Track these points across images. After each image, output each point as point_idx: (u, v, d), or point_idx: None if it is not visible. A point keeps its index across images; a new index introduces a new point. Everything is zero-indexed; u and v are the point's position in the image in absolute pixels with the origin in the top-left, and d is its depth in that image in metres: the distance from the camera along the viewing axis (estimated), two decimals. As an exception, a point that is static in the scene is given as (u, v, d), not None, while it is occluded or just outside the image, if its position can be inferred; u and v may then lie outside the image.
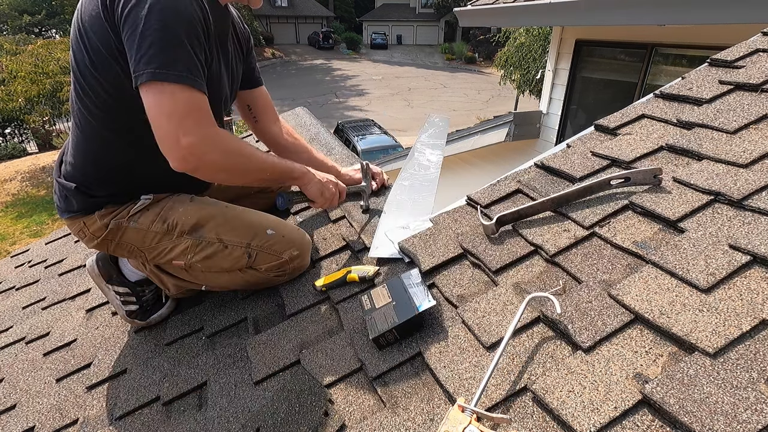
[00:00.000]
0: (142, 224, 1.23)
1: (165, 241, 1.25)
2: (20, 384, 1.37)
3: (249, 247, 1.26)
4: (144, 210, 1.24)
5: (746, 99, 1.27)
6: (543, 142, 5.13)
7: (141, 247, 1.27)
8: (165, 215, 1.24)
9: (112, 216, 1.22)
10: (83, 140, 1.18)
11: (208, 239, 1.25)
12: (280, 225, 1.33)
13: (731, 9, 2.64)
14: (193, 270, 1.31)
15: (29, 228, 9.08)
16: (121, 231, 1.24)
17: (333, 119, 15.60)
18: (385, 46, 38.36)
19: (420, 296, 1.03)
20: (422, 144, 1.87)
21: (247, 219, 1.30)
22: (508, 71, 13.37)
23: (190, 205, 1.27)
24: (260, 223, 1.30)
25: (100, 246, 1.28)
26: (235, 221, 1.28)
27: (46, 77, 10.78)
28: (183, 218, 1.24)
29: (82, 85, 1.09)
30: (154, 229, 1.23)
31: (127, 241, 1.26)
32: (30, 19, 25.19)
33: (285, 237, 1.30)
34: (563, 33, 4.71)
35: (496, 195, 1.31)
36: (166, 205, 1.26)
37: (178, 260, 1.27)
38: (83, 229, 1.25)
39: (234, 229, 1.27)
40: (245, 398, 1.05)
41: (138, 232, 1.24)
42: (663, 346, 0.79)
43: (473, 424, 0.73)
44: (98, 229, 1.23)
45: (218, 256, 1.26)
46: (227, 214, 1.29)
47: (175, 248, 1.26)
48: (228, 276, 1.32)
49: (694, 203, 1.02)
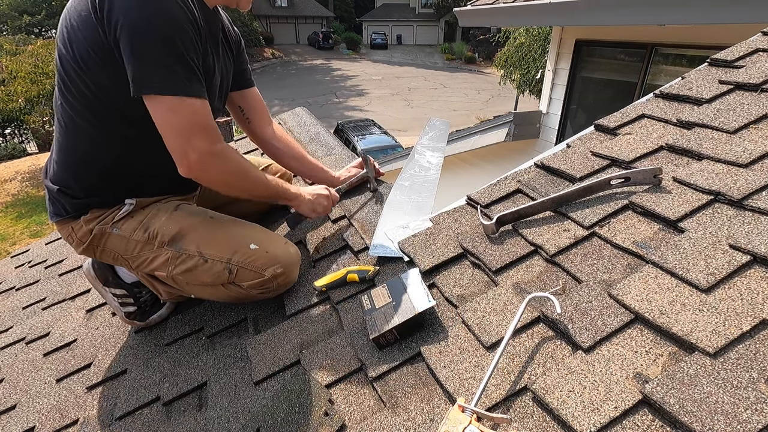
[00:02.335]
0: (125, 231, 1.22)
1: (146, 251, 1.23)
2: (20, 384, 1.37)
3: (230, 262, 1.21)
4: (128, 217, 1.23)
5: (746, 99, 1.27)
6: (543, 142, 5.13)
7: (124, 255, 1.25)
8: (147, 223, 1.22)
9: (97, 221, 1.21)
10: (68, 139, 1.16)
11: (188, 252, 1.22)
12: (265, 240, 1.27)
13: (731, 9, 2.64)
14: (176, 282, 1.28)
15: (29, 228, 9.08)
16: (105, 237, 1.23)
17: (333, 119, 15.61)
18: (385, 46, 38.36)
19: (420, 296, 1.03)
20: (423, 146, 1.87)
21: (230, 232, 1.27)
22: (508, 71, 13.37)
23: (174, 214, 1.25)
24: (243, 237, 1.26)
25: (87, 251, 1.27)
26: (217, 234, 1.25)
27: (46, 77, 10.76)
28: (164, 228, 1.22)
29: (67, 85, 1.08)
30: (135, 238, 1.22)
31: (111, 248, 1.25)
32: (30, 20, 25.18)
33: (269, 253, 1.24)
34: (563, 33, 4.71)
35: (496, 195, 1.31)
36: (150, 213, 1.24)
37: (159, 271, 1.25)
38: (71, 234, 1.24)
39: (215, 243, 1.23)
40: (245, 398, 1.05)
41: (121, 240, 1.22)
42: (663, 346, 0.79)
43: (473, 424, 0.73)
44: (84, 234, 1.22)
45: (198, 270, 1.22)
46: (210, 225, 1.26)
47: (156, 259, 1.24)
48: (212, 289, 1.28)
49: (694, 203, 1.02)
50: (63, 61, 1.06)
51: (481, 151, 5.23)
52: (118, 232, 1.22)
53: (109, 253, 1.26)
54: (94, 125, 1.13)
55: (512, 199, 1.29)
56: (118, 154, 1.18)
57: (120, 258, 1.27)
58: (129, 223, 1.22)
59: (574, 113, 4.88)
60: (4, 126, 13.85)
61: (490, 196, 1.31)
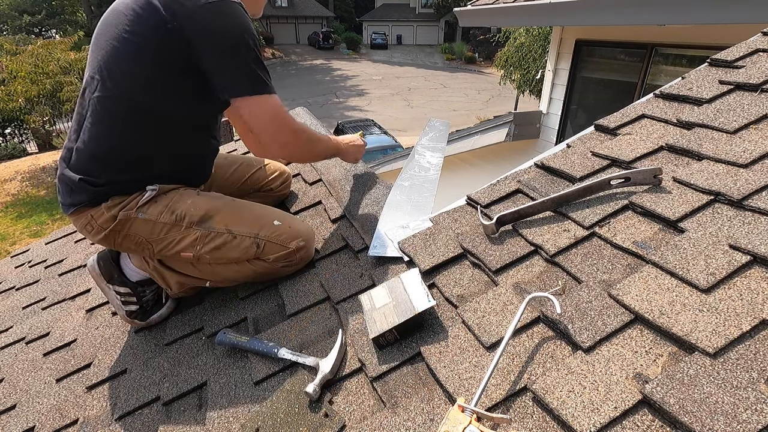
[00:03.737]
0: (151, 215, 1.25)
1: (173, 233, 1.27)
2: (20, 384, 1.37)
3: (257, 237, 1.30)
4: (152, 201, 1.26)
5: (746, 99, 1.27)
6: (543, 142, 5.13)
7: (149, 238, 1.27)
8: (173, 207, 1.27)
9: (119, 207, 1.23)
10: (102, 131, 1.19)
11: (218, 230, 1.28)
12: (285, 217, 1.39)
13: (731, 9, 2.64)
14: (200, 262, 1.33)
15: (29, 228, 9.08)
16: (129, 222, 1.25)
17: (333, 119, 15.61)
18: (385, 46, 38.35)
19: (420, 296, 1.03)
20: (422, 147, 1.87)
21: (254, 212, 1.36)
22: (508, 71, 13.36)
23: (198, 198, 1.31)
24: (267, 215, 1.36)
25: (107, 239, 1.27)
26: (242, 213, 1.34)
27: (46, 77, 10.74)
28: (191, 210, 1.27)
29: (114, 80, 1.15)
30: (162, 220, 1.25)
31: (135, 233, 1.26)
32: (30, 19, 25.17)
33: (291, 228, 1.35)
34: (563, 33, 4.71)
35: (496, 195, 1.31)
36: (173, 197, 1.29)
37: (186, 252, 1.29)
38: (90, 222, 1.25)
39: (242, 221, 1.31)
40: (245, 398, 1.05)
41: (146, 224, 1.25)
42: (663, 346, 0.79)
43: (473, 424, 0.73)
44: (106, 221, 1.23)
45: (227, 247, 1.29)
46: (234, 206, 1.35)
47: (184, 239, 1.28)
48: (236, 267, 1.34)
49: (694, 203, 1.02)
50: (111, 58, 1.15)
51: (481, 151, 5.23)
52: (144, 216, 1.24)
53: (133, 238, 1.27)
54: (135, 120, 1.19)
55: (512, 199, 1.29)
56: (153, 147, 1.25)
57: (143, 243, 1.29)
58: (154, 207, 1.25)
59: (574, 113, 4.88)
60: (4, 126, 13.84)
61: (490, 196, 1.31)
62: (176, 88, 1.18)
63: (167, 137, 1.26)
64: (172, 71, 1.15)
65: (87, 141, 1.21)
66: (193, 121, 1.29)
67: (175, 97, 1.20)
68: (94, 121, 1.19)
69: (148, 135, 1.22)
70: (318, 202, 1.71)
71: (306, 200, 1.74)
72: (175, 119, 1.24)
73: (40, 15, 25.65)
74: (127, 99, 1.17)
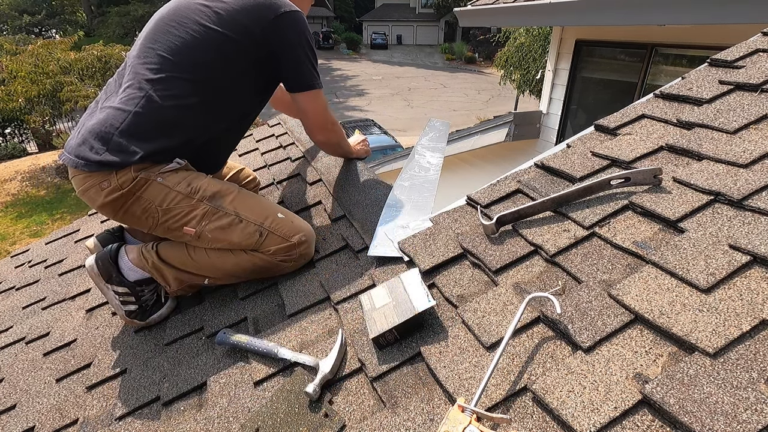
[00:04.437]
0: (169, 182, 1.29)
1: (183, 204, 1.30)
2: (20, 384, 1.37)
3: (262, 226, 1.35)
4: (172, 172, 1.31)
5: (746, 99, 1.27)
6: (543, 142, 5.13)
7: (160, 205, 1.29)
8: (190, 180, 1.33)
9: (142, 170, 1.26)
10: (155, 109, 1.26)
11: (226, 210, 1.34)
12: (289, 213, 1.45)
13: (731, 9, 2.64)
14: (201, 240, 1.34)
15: (29, 228, 9.08)
16: (147, 184, 1.27)
17: (333, 119, 15.57)
18: (385, 46, 38.33)
19: (420, 296, 1.03)
20: (423, 147, 1.87)
21: (261, 202, 1.44)
22: (508, 71, 13.36)
23: (212, 179, 1.39)
24: (272, 207, 1.43)
25: (115, 202, 1.27)
26: (251, 200, 1.40)
27: (46, 77, 10.73)
28: (206, 186, 1.34)
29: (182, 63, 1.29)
30: (178, 189, 1.30)
31: (148, 197, 1.28)
32: (30, 19, 25.17)
33: (294, 223, 1.40)
34: (563, 33, 4.71)
35: (496, 195, 1.31)
36: (192, 174, 1.35)
37: (190, 227, 1.32)
38: (106, 181, 1.24)
39: (250, 208, 1.37)
40: (245, 398, 1.05)
41: (162, 189, 1.28)
42: (663, 346, 0.79)
43: (473, 424, 0.73)
44: (126, 181, 1.24)
45: (231, 229, 1.33)
46: (244, 193, 1.42)
47: (192, 212, 1.31)
48: (234, 258, 1.36)
49: (694, 203, 1.02)
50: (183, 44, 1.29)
51: (481, 151, 5.23)
52: (162, 181, 1.29)
53: (142, 202, 1.28)
54: (207, 101, 1.33)
55: (512, 199, 1.29)
56: (206, 128, 1.36)
57: (151, 210, 1.30)
58: (173, 176, 1.31)
59: (574, 113, 4.88)
60: (4, 126, 13.84)
61: (490, 196, 1.31)
62: (247, 80, 1.39)
63: (222, 121, 1.40)
64: (247, 65, 1.35)
65: (135, 114, 1.24)
66: (244, 112, 1.49)
67: (243, 88, 1.40)
68: (147, 99, 1.26)
69: (209, 117, 1.35)
70: (318, 202, 1.71)
71: (306, 200, 1.75)
72: (235, 107, 1.42)
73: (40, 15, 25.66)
74: (202, 81, 1.31)
